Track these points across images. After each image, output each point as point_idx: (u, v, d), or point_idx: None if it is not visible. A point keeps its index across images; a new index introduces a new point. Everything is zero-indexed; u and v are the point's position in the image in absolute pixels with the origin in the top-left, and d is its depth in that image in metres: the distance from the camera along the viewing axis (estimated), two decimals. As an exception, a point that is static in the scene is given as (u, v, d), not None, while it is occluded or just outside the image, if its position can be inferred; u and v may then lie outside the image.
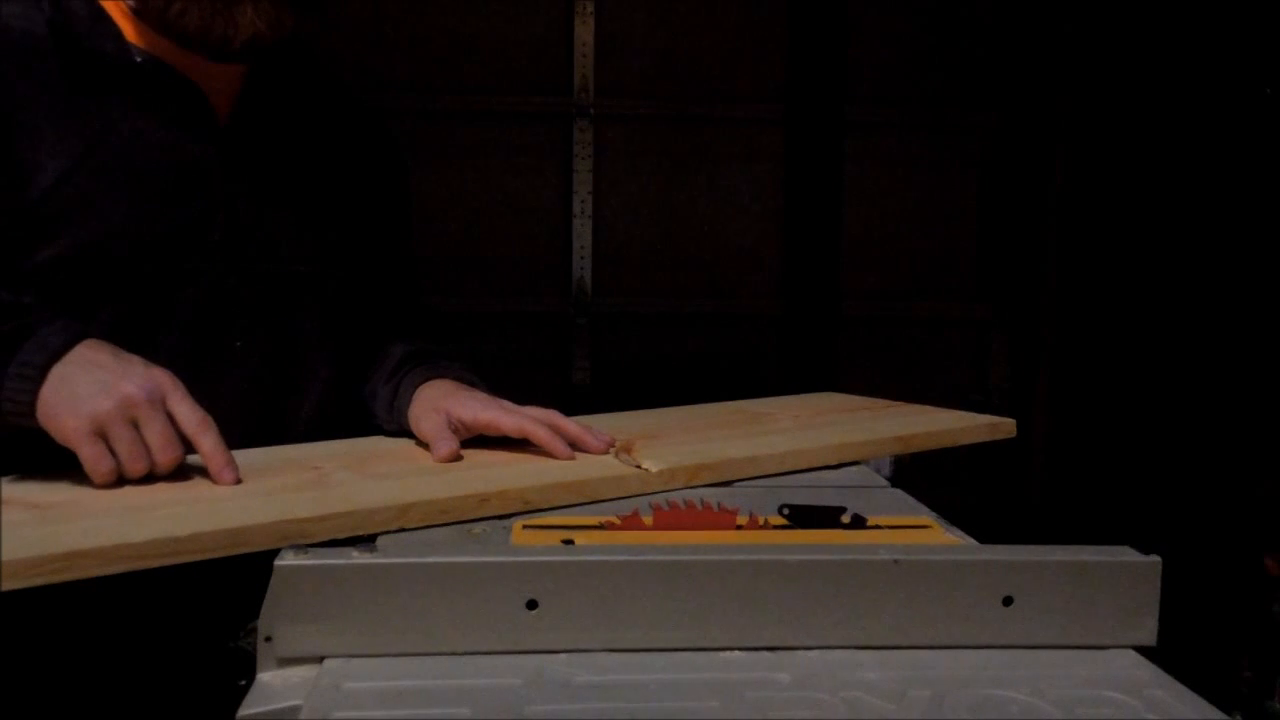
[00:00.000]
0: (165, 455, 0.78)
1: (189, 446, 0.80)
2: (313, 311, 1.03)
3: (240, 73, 0.98)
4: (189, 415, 0.79)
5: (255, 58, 0.96)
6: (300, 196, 1.02)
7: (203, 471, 0.80)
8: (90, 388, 0.77)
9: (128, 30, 0.93)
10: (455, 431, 0.93)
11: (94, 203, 0.90)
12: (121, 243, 0.91)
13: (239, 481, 0.77)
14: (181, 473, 0.80)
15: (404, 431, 1.00)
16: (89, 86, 0.91)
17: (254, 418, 0.97)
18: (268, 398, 1.00)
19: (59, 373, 0.78)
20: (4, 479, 0.80)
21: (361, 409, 1.09)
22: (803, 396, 1.35)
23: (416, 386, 1.01)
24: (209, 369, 0.95)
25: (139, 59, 0.93)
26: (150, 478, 0.78)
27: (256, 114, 1.00)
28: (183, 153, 0.94)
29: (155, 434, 0.77)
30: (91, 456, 0.76)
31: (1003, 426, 1.15)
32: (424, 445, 0.95)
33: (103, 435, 0.76)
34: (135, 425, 0.77)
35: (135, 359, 0.81)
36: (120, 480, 0.77)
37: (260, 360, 0.99)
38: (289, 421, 1.02)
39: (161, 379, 0.80)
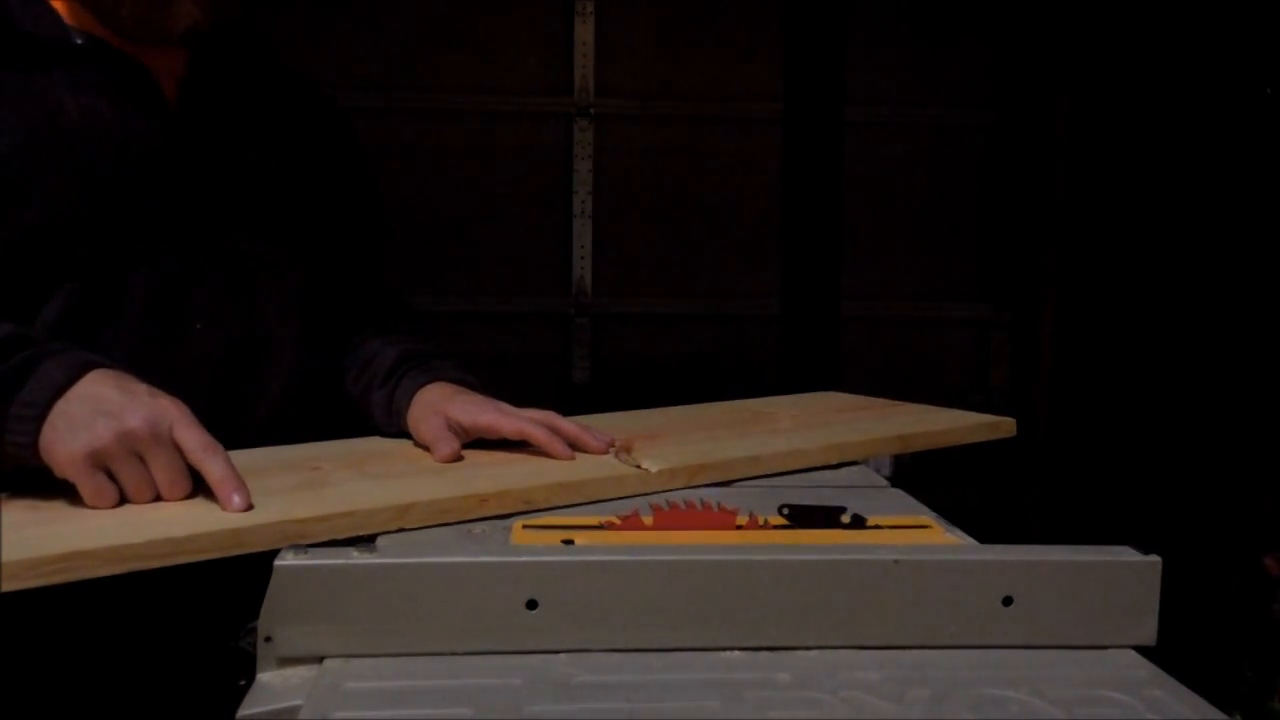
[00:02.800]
0: (173, 491, 0.75)
1: (195, 474, 0.77)
2: (273, 292, 1.01)
3: (184, 52, 0.97)
4: (195, 441, 0.75)
5: (196, 44, 0.96)
6: (253, 176, 1.01)
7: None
8: (90, 419, 0.74)
9: (65, 13, 0.93)
10: (455, 434, 0.93)
11: (43, 184, 0.88)
12: (73, 223, 0.89)
13: (250, 507, 0.73)
14: None
15: (403, 435, 1.00)
16: (31, 68, 0.90)
17: (216, 402, 0.94)
18: (230, 382, 0.98)
19: (60, 409, 0.75)
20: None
21: (349, 407, 1.08)
22: (803, 396, 1.35)
23: (414, 391, 1.01)
24: (169, 352, 0.93)
25: (79, 40, 0.92)
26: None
27: (204, 93, 0.98)
28: (131, 132, 0.93)
29: (161, 468, 0.74)
30: (91, 489, 0.73)
31: (1003, 425, 1.15)
32: (423, 447, 0.95)
33: (103, 468, 0.73)
34: (140, 459, 0.74)
35: (140, 388, 0.77)
36: (121, 501, 0.74)
37: (222, 342, 0.97)
38: (253, 406, 1.00)
39: (167, 407, 0.76)
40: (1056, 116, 2.96)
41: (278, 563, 0.59)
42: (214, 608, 0.80)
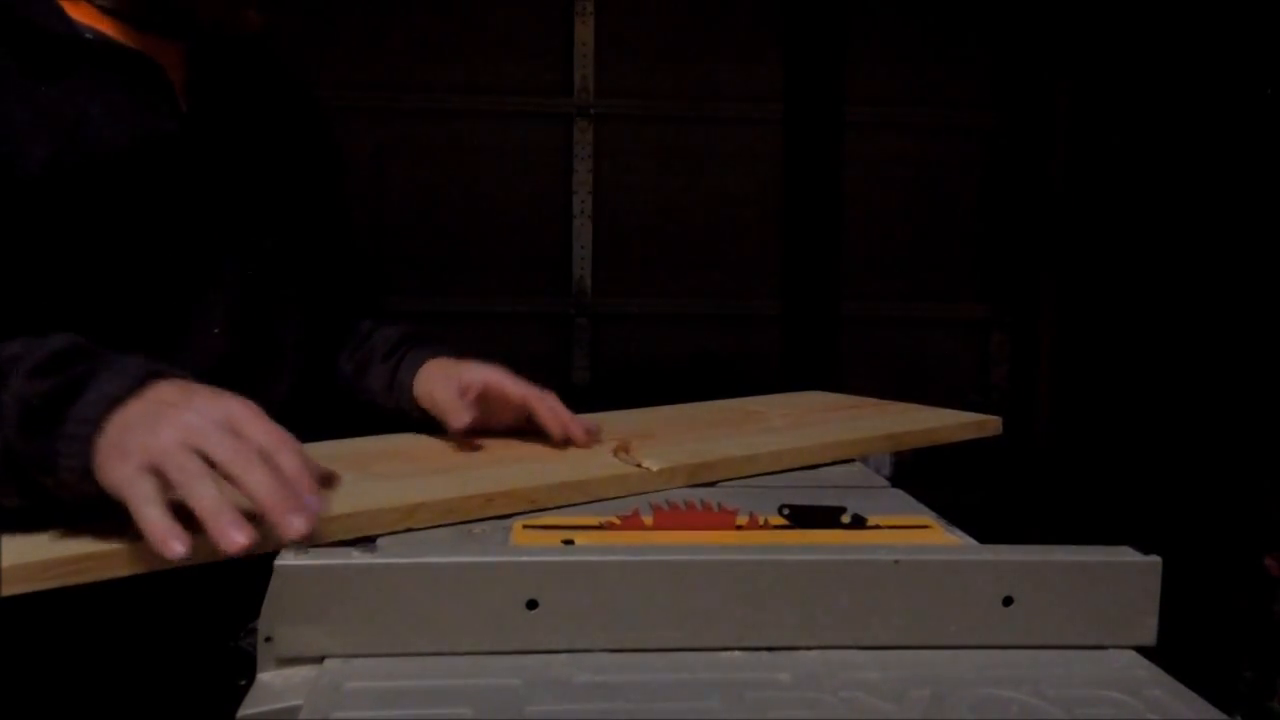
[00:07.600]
0: (248, 476, 0.63)
1: None
2: (281, 291, 1.00)
3: (182, 46, 0.95)
4: (265, 435, 0.67)
5: (211, 38, 0.95)
6: (258, 171, 1.00)
7: None
8: (147, 422, 0.65)
9: (69, 10, 0.90)
10: (469, 404, 0.95)
11: (88, 191, 0.85)
12: (102, 237, 0.86)
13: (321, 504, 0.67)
14: None
15: (399, 412, 1.01)
16: (44, 70, 0.86)
17: None
18: (244, 385, 0.94)
19: (117, 421, 0.65)
20: None
21: (342, 389, 1.08)
22: (790, 395, 1.36)
23: (419, 364, 1.02)
24: (187, 359, 0.90)
25: (89, 36, 0.89)
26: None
27: (209, 89, 0.96)
28: (152, 135, 0.90)
29: (228, 458, 0.64)
30: (140, 494, 0.62)
31: (989, 424, 1.16)
32: (429, 430, 0.98)
33: (158, 473, 0.63)
34: (203, 457, 0.64)
35: (201, 388, 0.70)
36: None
37: (238, 346, 0.96)
38: (264, 407, 0.98)
39: (232, 404, 0.68)
40: (1056, 117, 2.96)
41: (278, 563, 0.58)
42: (214, 608, 0.80)
